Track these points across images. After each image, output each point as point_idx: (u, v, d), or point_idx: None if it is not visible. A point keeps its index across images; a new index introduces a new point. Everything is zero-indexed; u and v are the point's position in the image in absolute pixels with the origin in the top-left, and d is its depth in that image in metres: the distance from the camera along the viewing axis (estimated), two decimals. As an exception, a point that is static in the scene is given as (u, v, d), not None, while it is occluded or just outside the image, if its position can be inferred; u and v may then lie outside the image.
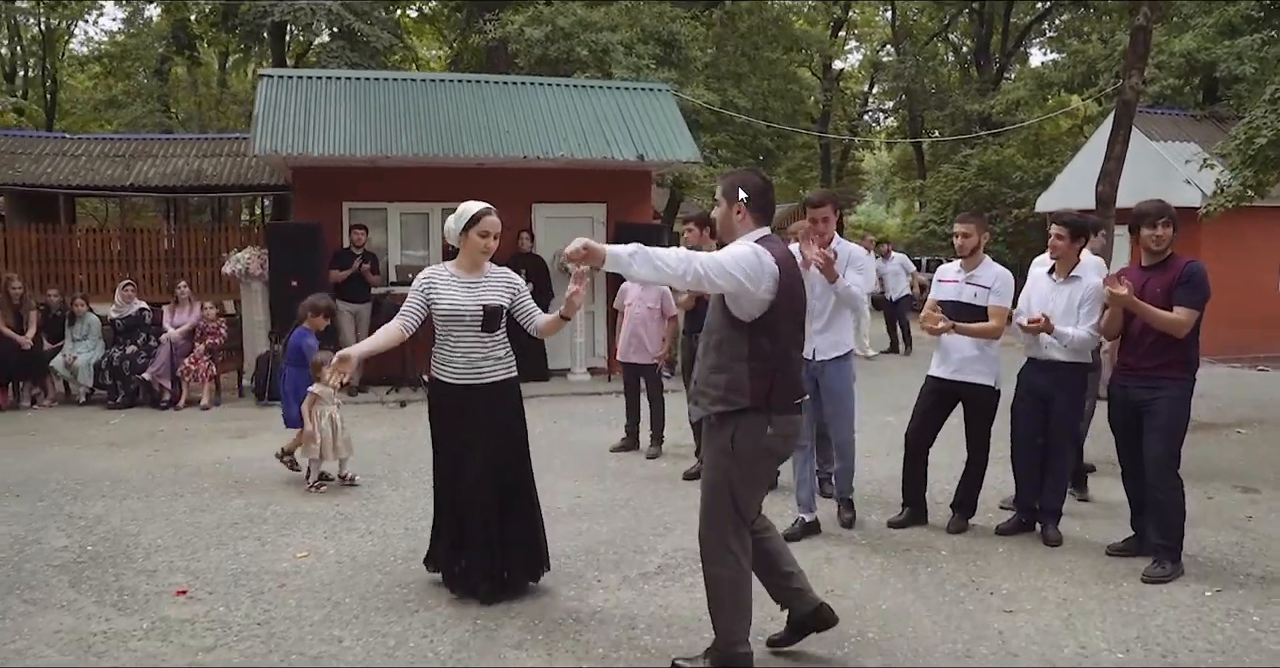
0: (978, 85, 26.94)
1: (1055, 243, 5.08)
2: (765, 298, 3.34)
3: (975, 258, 5.22)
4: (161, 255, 14.76)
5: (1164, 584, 4.49)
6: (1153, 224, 4.63)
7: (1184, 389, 4.61)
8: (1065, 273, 5.10)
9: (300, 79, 11.25)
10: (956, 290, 5.22)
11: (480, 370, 4.27)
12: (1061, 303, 5.05)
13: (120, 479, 6.61)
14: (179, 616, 4.18)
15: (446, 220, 4.39)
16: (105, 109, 28.61)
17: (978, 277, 5.17)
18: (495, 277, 4.39)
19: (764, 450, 3.47)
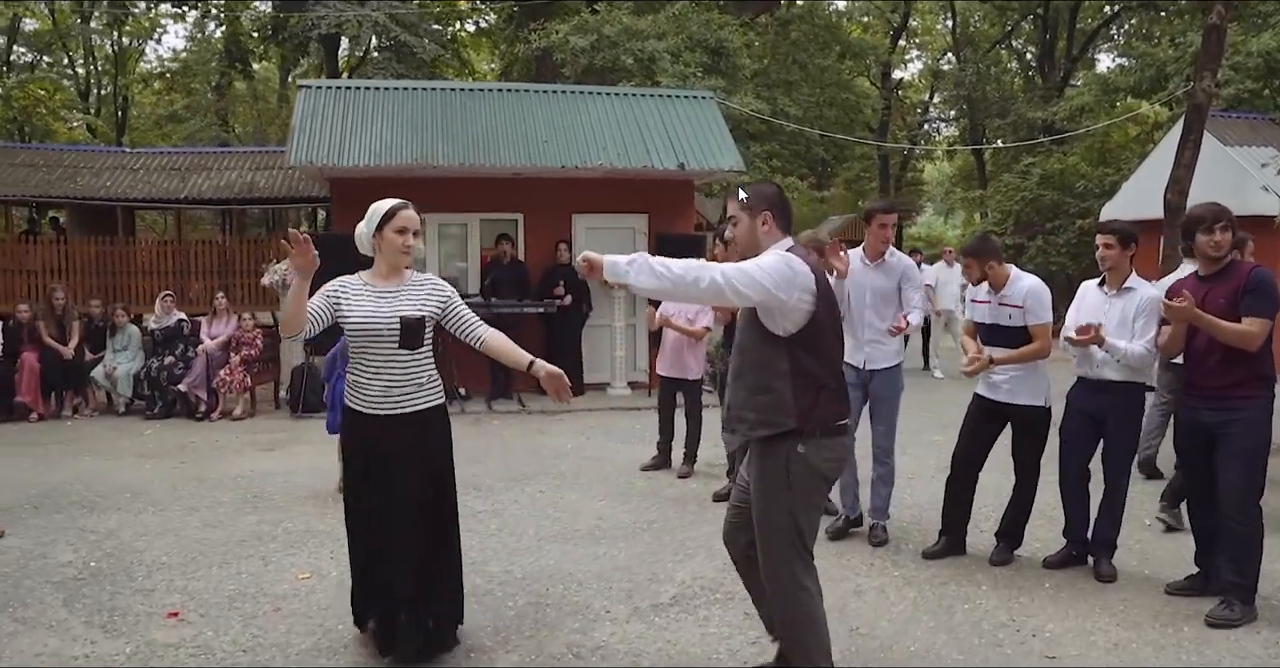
0: (1041, 92, 26.14)
1: (1104, 253, 4.66)
2: (804, 309, 3.10)
3: (997, 278, 4.85)
4: (215, 267, 14.95)
5: (1231, 630, 4.05)
6: (1209, 229, 4.20)
7: (1261, 408, 4.17)
8: (1117, 284, 4.69)
9: (338, 89, 11.21)
10: (990, 313, 4.87)
11: (398, 399, 3.62)
12: (1114, 317, 4.63)
13: (140, 492, 6.51)
14: (165, 640, 4.00)
15: (357, 227, 3.83)
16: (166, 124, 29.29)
17: (1007, 296, 4.80)
18: (417, 284, 3.76)
19: (820, 477, 3.23)
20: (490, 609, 4.31)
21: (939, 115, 36.38)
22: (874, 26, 32.91)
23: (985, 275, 4.85)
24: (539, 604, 4.37)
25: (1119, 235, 4.65)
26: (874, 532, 5.30)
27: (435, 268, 10.87)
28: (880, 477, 5.34)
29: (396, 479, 3.64)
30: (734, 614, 4.24)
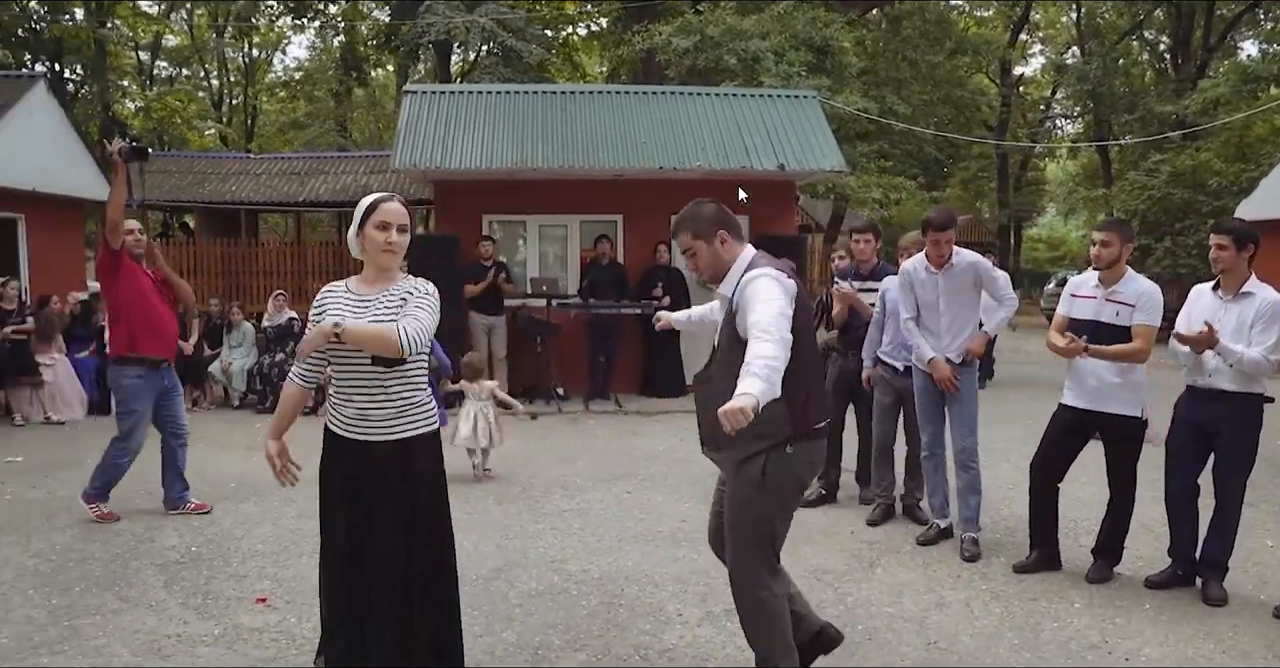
0: (1173, 85, 24.82)
1: (1218, 254, 4.32)
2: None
3: (1116, 271, 4.52)
4: (331, 267, 15.53)
5: (1350, 660, 3.74)
6: None
7: None
8: (1234, 289, 4.36)
9: (443, 94, 11.49)
10: (1095, 308, 4.56)
11: (373, 422, 3.15)
12: (1230, 323, 4.31)
13: (245, 482, 6.79)
14: (251, 624, 4.15)
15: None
16: (289, 130, 30.61)
17: (1119, 292, 4.49)
18: (396, 289, 3.17)
19: (796, 480, 3.20)
20: (563, 608, 4.32)
21: (1062, 111, 34.99)
22: (992, 21, 31.84)
23: (1119, 259, 4.52)
24: (612, 605, 4.36)
25: (1234, 235, 4.31)
26: (964, 546, 5.09)
27: (535, 268, 11.03)
28: (967, 484, 5.14)
29: (375, 516, 3.17)
30: (808, 623, 4.13)
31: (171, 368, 5.95)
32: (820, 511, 6.04)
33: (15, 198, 12.14)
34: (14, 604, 4.35)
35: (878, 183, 15.70)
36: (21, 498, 6.33)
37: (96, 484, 5.78)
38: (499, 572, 4.81)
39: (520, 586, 4.62)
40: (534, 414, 9.72)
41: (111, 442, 5.76)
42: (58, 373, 9.50)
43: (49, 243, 13.20)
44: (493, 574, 4.77)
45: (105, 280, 5.71)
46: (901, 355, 5.59)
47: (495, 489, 6.57)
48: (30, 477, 6.95)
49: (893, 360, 5.67)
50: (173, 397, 5.96)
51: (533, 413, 9.76)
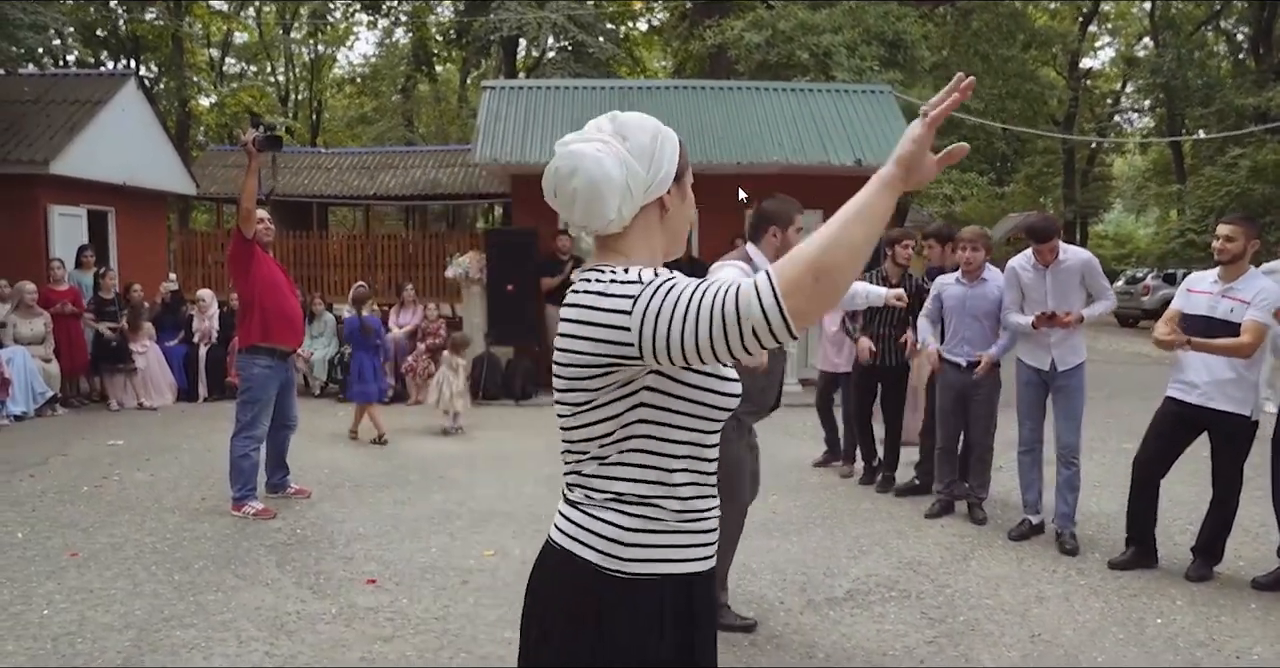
0: (1254, 77, 24.15)
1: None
2: None
3: (1238, 267, 4.44)
4: (399, 260, 15.81)
5: None
6: None
7: None
8: None
9: (520, 89, 11.64)
10: (1209, 303, 4.48)
11: None
12: None
13: (337, 468, 7.00)
14: (366, 603, 4.30)
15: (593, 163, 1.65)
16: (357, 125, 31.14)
17: (1237, 289, 4.41)
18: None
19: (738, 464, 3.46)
20: (664, 594, 4.41)
21: (1132, 105, 34.26)
22: (1061, 13, 31.25)
23: (1244, 254, 4.44)
24: (712, 592, 4.44)
25: None
26: (1062, 539, 5.09)
27: (608, 262, 11.14)
28: (1066, 481, 5.14)
29: None
30: (910, 612, 4.18)
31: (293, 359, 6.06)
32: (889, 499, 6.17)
33: (107, 191, 12.58)
34: (140, 580, 4.56)
35: (947, 179, 15.56)
36: (130, 480, 6.59)
37: (239, 487, 5.73)
38: (597, 558, 4.92)
39: (620, 572, 4.71)
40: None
41: (235, 436, 5.76)
42: (150, 360, 9.83)
43: (135, 235, 13.64)
44: (591, 561, 4.88)
45: (238, 270, 5.77)
46: (964, 351, 5.58)
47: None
48: (133, 460, 7.23)
49: (955, 357, 5.65)
50: (290, 387, 6.10)
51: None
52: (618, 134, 1.70)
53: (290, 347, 5.94)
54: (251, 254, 5.71)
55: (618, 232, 1.71)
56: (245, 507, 5.71)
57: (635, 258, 1.71)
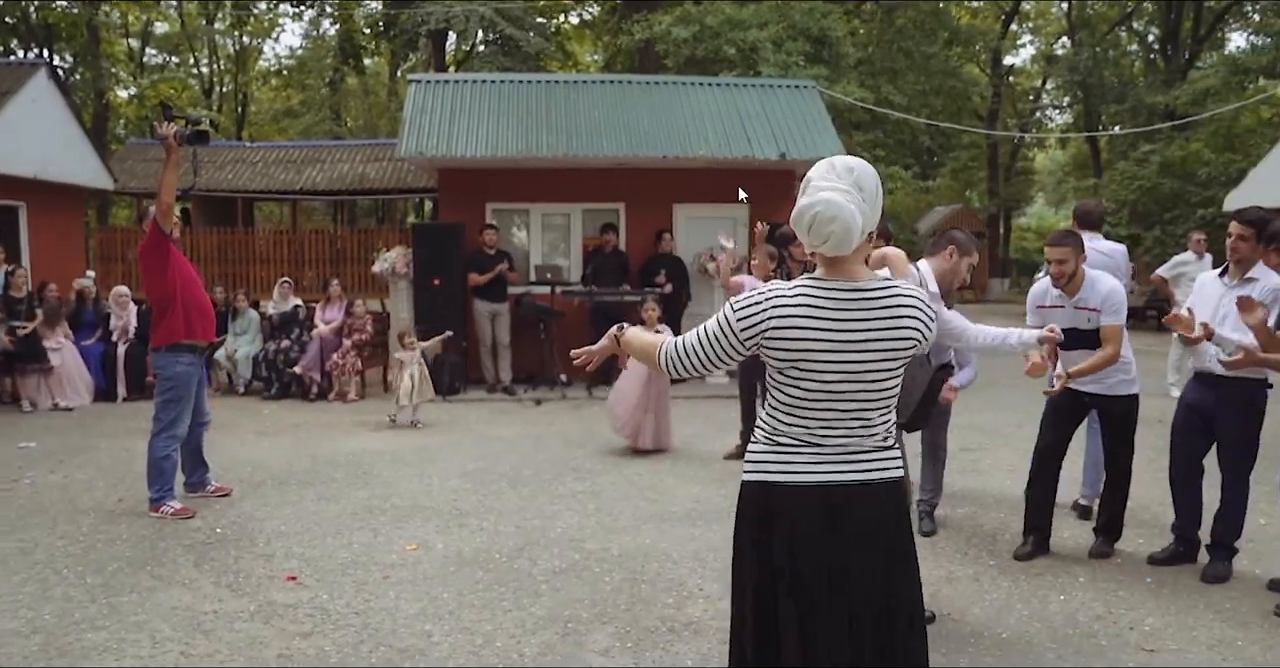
0: (1163, 76, 25.06)
1: (1237, 244, 4.40)
2: None
3: (1075, 282, 4.60)
4: (327, 255, 15.58)
5: (1345, 629, 3.91)
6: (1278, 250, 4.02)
7: None
8: (1240, 275, 4.46)
9: (447, 83, 11.56)
10: (1068, 317, 4.61)
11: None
12: (1234, 308, 4.44)
13: (260, 466, 6.90)
14: (285, 600, 4.27)
15: (840, 204, 2.20)
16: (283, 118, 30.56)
17: (1085, 299, 4.58)
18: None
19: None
20: (588, 584, 4.47)
21: (1052, 102, 35.22)
22: (983, 11, 32.01)
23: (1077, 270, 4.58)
24: (634, 580, 4.50)
25: (1257, 225, 4.38)
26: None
27: (538, 256, 11.14)
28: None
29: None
30: (825, 597, 4.29)
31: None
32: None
33: (17, 185, 12.17)
34: (50, 584, 4.46)
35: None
36: (42, 483, 6.42)
37: (157, 488, 5.62)
38: (521, 550, 4.95)
39: (543, 564, 4.76)
40: (538, 400, 9.85)
41: (155, 436, 5.64)
42: (65, 359, 9.56)
43: (50, 231, 13.22)
44: (515, 553, 4.91)
45: (155, 265, 5.62)
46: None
47: (508, 472, 6.70)
48: (47, 462, 7.04)
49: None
50: (204, 383, 6.05)
51: (537, 399, 9.89)
52: (855, 185, 2.23)
53: (209, 342, 5.89)
54: (169, 250, 5.63)
55: (848, 254, 2.25)
56: (163, 507, 5.61)
57: (859, 271, 2.30)
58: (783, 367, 2.29)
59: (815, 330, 2.23)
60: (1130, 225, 19.07)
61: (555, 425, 8.59)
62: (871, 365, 2.26)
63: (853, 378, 2.25)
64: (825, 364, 2.24)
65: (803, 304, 2.24)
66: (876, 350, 2.25)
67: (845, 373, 2.25)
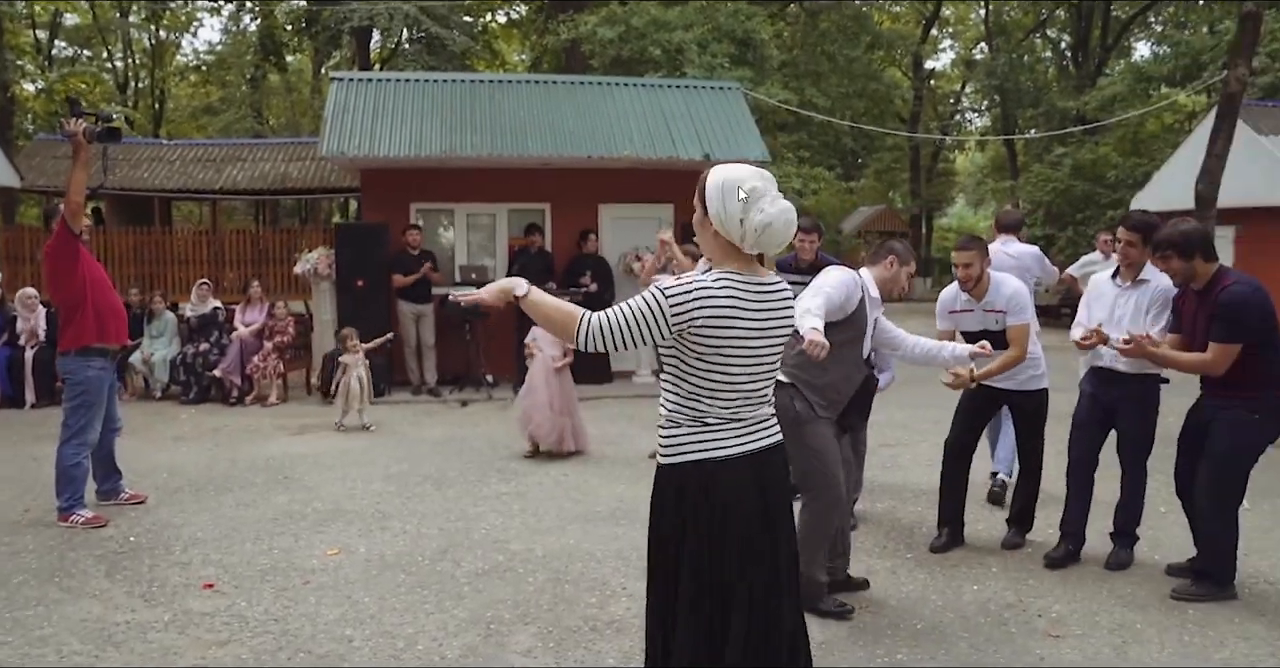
0: (1075, 82, 25.93)
1: (1126, 250, 4.57)
2: None
3: (982, 286, 4.79)
4: (249, 256, 15.26)
5: (1235, 614, 4.11)
6: (1163, 257, 4.23)
7: (1245, 411, 4.17)
8: (1132, 277, 4.64)
9: (370, 82, 11.41)
10: (978, 320, 4.81)
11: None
12: (1129, 309, 4.60)
13: (177, 472, 6.74)
14: (201, 608, 4.19)
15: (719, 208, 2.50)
16: (202, 116, 29.77)
17: (992, 302, 4.77)
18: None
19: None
20: (511, 585, 4.46)
21: (971, 105, 36.17)
22: (905, 16, 32.72)
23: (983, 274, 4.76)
24: (558, 580, 4.51)
25: (1143, 232, 4.53)
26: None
27: (463, 257, 11.06)
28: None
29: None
30: (746, 592, 4.36)
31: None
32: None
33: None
34: (-49, 597, 4.30)
35: (797, 173, 16.08)
36: (-58, 492, 6.18)
37: (66, 496, 5.43)
38: (444, 553, 4.92)
39: (467, 565, 4.74)
40: (464, 402, 9.78)
41: (65, 443, 5.45)
42: (-32, 365, 9.20)
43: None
44: (438, 555, 4.88)
45: (65, 266, 5.43)
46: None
47: (432, 474, 6.65)
48: (-52, 471, 6.77)
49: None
50: (114, 388, 5.88)
51: (462, 401, 9.82)
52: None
53: (121, 345, 5.73)
54: (78, 250, 5.46)
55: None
56: (73, 516, 5.44)
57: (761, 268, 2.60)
58: (706, 353, 2.49)
59: (741, 321, 2.49)
60: (1045, 226, 19.66)
61: (481, 427, 8.54)
62: (774, 348, 2.60)
63: (762, 360, 2.57)
64: (746, 350, 2.51)
65: (729, 296, 2.46)
66: (777, 336, 2.60)
67: (758, 356, 2.55)
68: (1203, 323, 4.18)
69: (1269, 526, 5.41)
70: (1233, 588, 4.30)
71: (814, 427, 4.02)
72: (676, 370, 2.58)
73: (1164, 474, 4.66)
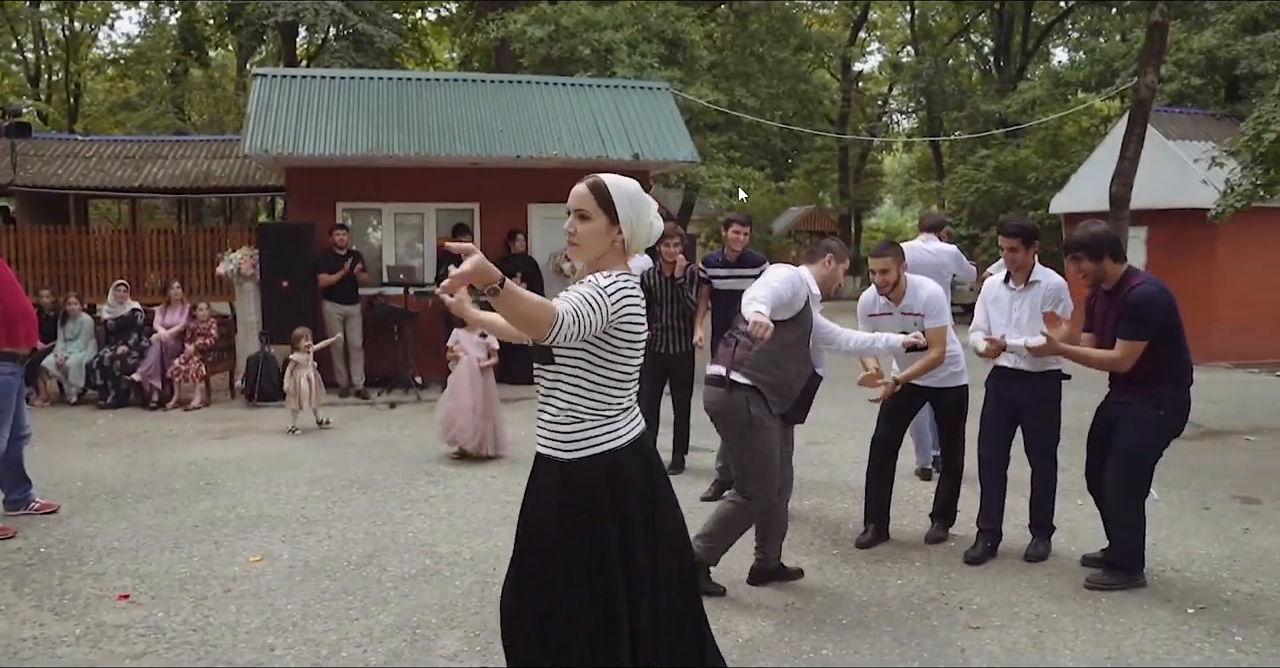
0: (997, 86, 26.60)
1: (1011, 255, 4.73)
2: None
3: (899, 290, 4.90)
4: (171, 256, 14.82)
5: (1145, 601, 4.26)
6: (1074, 259, 4.38)
7: (1149, 407, 4.32)
8: (1023, 280, 4.78)
9: (295, 78, 11.19)
10: (897, 324, 4.91)
11: (538, 432, 2.87)
12: (1025, 311, 4.74)
13: (93, 480, 6.53)
14: (115, 621, 4.06)
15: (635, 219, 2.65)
16: (120, 111, 28.85)
17: (909, 305, 4.88)
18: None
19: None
20: (437, 589, 4.42)
21: (898, 108, 36.84)
22: (833, 19, 33.21)
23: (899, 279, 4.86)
24: (485, 584, 4.48)
25: (1022, 236, 4.69)
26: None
27: (391, 257, 10.92)
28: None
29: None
30: (675, 591, 4.38)
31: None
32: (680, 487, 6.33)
33: None
34: None
35: (727, 173, 16.21)
36: None
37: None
38: (370, 558, 4.85)
39: (393, 570, 4.68)
40: (392, 403, 9.66)
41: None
42: None
43: None
44: (364, 560, 4.81)
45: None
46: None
47: (359, 478, 6.55)
48: None
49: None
50: (22, 393, 5.65)
51: (391, 402, 9.69)
52: None
53: (31, 348, 5.53)
54: None
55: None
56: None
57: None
58: (621, 347, 2.56)
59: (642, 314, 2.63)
60: (969, 226, 20.12)
61: (409, 429, 8.44)
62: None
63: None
64: (642, 341, 2.63)
65: (637, 291, 2.59)
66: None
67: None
68: (1112, 321, 4.32)
69: (1176, 516, 5.61)
70: (1142, 577, 4.46)
71: (764, 431, 4.13)
72: (583, 364, 2.56)
73: (1079, 468, 4.80)
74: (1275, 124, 8.06)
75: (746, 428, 4.10)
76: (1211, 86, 16.67)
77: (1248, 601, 4.30)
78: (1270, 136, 8.07)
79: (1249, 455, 7.38)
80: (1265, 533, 5.33)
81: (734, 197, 15.81)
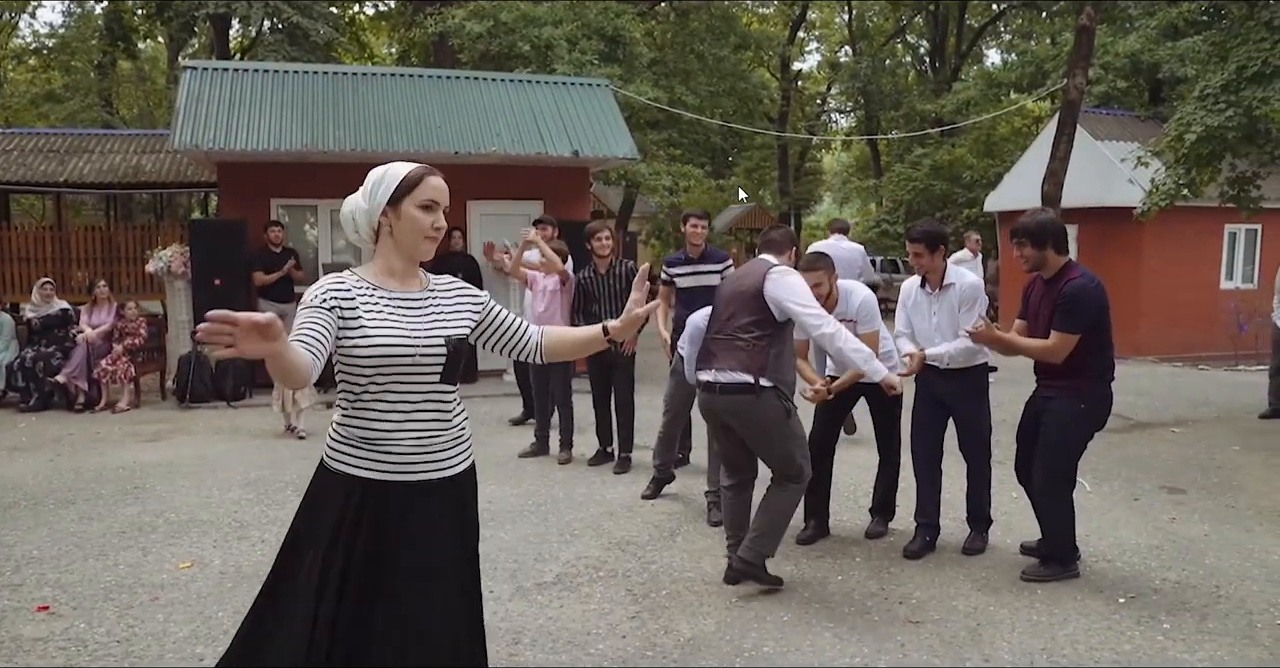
0: (932, 86, 27.05)
1: (917, 261, 4.79)
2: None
3: (833, 299, 4.91)
4: (100, 254, 14.38)
5: (1079, 591, 4.35)
6: (1018, 244, 4.47)
7: (1073, 401, 4.40)
8: (938, 283, 4.84)
9: (226, 71, 10.91)
10: None
11: (437, 456, 2.58)
12: (943, 314, 4.82)
13: (12, 486, 6.29)
14: (33, 634, 3.91)
15: (346, 203, 2.60)
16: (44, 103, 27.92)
17: (842, 312, 4.92)
18: (446, 287, 2.65)
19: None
20: (375, 593, 4.33)
21: (836, 106, 37.25)
22: (773, 18, 33.46)
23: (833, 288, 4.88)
24: (425, 587, 4.40)
25: (926, 241, 4.75)
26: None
27: (327, 254, 10.72)
28: None
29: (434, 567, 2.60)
30: (615, 591, 4.36)
31: None
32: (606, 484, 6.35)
33: None
34: None
35: (667, 170, 16.20)
36: None
37: None
38: (306, 562, 4.74)
39: (329, 574, 4.57)
40: (328, 404, 9.47)
41: None
42: None
43: None
44: (299, 565, 4.70)
45: None
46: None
47: (294, 480, 6.41)
48: None
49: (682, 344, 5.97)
50: None
51: (326, 403, 9.51)
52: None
53: None
54: None
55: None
56: None
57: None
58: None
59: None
60: (907, 223, 20.44)
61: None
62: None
63: None
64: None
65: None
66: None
67: None
68: (1046, 311, 4.40)
69: (1107, 507, 5.75)
70: (1076, 567, 4.56)
71: (795, 416, 4.32)
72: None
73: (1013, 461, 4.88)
74: (1196, 126, 8.30)
75: (784, 421, 4.26)
76: (1136, 89, 17.14)
77: (1175, 589, 4.41)
78: (1191, 138, 8.31)
79: (1174, 447, 7.59)
80: (1190, 522, 5.48)
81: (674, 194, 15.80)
